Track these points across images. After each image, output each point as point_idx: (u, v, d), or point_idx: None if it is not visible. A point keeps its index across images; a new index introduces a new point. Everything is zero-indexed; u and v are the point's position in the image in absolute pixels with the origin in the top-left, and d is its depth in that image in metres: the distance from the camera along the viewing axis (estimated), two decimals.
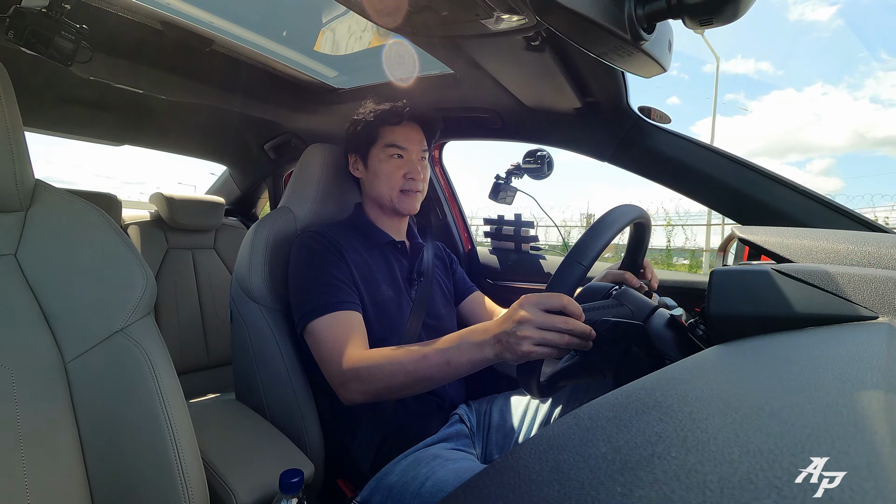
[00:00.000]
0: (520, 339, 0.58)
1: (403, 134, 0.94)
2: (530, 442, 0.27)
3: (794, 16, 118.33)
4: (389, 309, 0.87)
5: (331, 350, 0.75)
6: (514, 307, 0.61)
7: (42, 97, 1.27)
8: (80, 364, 0.54)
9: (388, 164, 0.93)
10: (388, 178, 0.93)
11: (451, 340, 0.67)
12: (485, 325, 0.65)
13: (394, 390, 0.70)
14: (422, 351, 0.67)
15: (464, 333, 0.67)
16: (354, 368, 0.71)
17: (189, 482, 0.53)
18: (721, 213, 0.94)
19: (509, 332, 0.59)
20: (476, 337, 0.65)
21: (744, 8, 0.45)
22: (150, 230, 1.59)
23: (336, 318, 0.77)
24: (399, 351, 0.69)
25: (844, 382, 0.27)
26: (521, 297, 0.61)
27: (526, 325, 0.58)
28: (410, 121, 0.95)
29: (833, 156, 47.86)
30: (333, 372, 0.74)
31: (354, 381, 0.71)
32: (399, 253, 0.97)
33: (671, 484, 0.20)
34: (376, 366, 0.70)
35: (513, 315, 0.60)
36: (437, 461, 0.75)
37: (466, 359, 0.64)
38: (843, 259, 0.55)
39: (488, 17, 0.63)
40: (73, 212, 0.59)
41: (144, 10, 0.90)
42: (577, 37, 0.51)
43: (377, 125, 0.93)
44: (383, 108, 0.94)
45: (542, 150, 1.23)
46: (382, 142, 0.93)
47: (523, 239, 1.40)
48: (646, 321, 0.66)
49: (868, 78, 44.48)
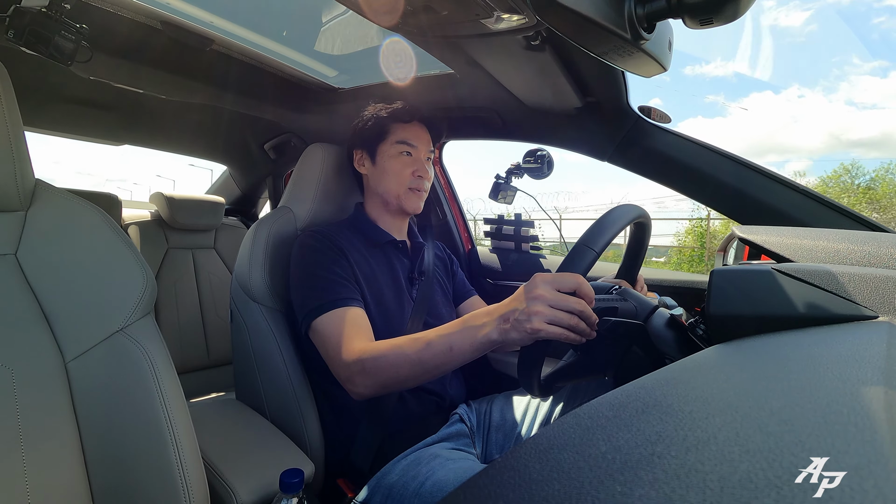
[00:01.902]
0: (530, 316, 0.56)
1: (414, 132, 0.94)
2: (531, 441, 0.27)
3: (768, 21, 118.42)
4: (391, 308, 0.87)
5: (336, 346, 0.74)
6: (526, 286, 0.59)
7: (42, 97, 1.27)
8: (81, 364, 0.54)
9: (397, 160, 0.93)
10: (397, 174, 0.93)
11: (455, 326, 0.66)
12: (488, 308, 0.64)
13: (400, 380, 0.70)
14: (425, 338, 0.67)
15: (467, 318, 0.66)
16: (360, 361, 0.71)
17: (189, 482, 0.53)
18: (721, 212, 0.94)
19: (520, 310, 0.58)
20: (479, 320, 0.63)
21: (744, 7, 0.45)
22: (150, 230, 1.59)
23: (339, 314, 0.77)
24: (402, 340, 0.69)
25: (845, 382, 0.27)
26: (533, 275, 0.60)
27: (539, 302, 0.56)
28: (419, 121, 0.96)
29: (810, 157, 47.83)
30: (340, 367, 0.74)
31: (360, 375, 0.71)
32: (400, 252, 0.97)
33: (671, 483, 0.20)
34: (381, 356, 0.69)
35: (527, 292, 0.58)
36: (437, 461, 0.75)
37: (469, 342, 0.63)
38: (844, 258, 0.55)
39: (488, 16, 0.63)
40: (74, 212, 0.59)
41: (144, 10, 0.90)
42: (577, 36, 0.51)
43: (388, 121, 0.94)
44: (395, 106, 0.95)
45: (542, 150, 1.23)
46: (393, 138, 0.93)
47: (523, 239, 1.40)
48: (646, 321, 0.66)
49: (842, 81, 44.90)
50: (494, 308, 0.63)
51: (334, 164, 1.03)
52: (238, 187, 2.02)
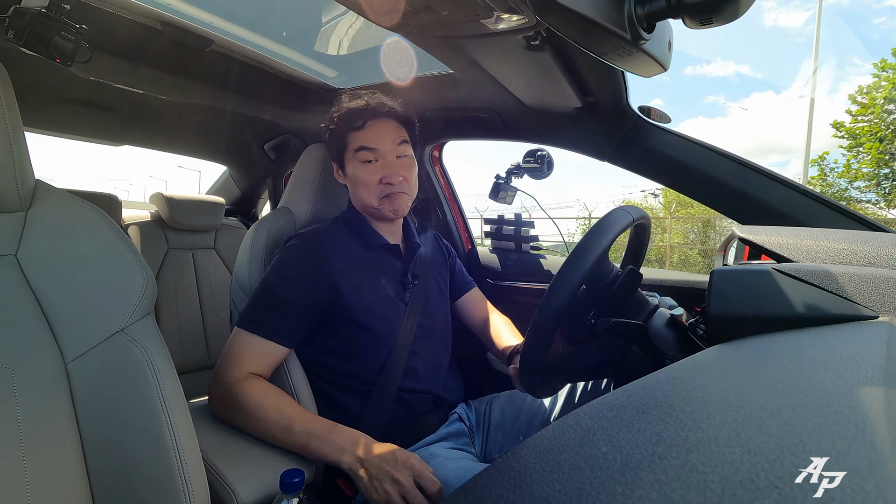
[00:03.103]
0: (383, 483, 0.64)
1: (372, 134, 0.87)
2: (531, 442, 0.27)
3: (769, 21, 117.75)
4: (381, 311, 0.86)
5: (232, 363, 0.76)
6: (400, 458, 0.65)
7: (42, 97, 1.27)
8: (81, 364, 0.54)
9: (362, 170, 0.87)
10: (365, 185, 0.87)
11: (323, 430, 0.70)
12: (366, 441, 0.69)
13: (247, 429, 0.74)
14: (291, 422, 0.70)
15: (340, 431, 0.70)
16: (233, 394, 0.74)
17: (190, 482, 0.53)
18: (722, 212, 0.94)
19: (382, 472, 0.64)
20: (346, 443, 0.68)
21: (743, 7, 0.45)
22: (151, 230, 1.59)
23: (258, 342, 0.77)
24: (272, 413, 0.71)
25: (845, 382, 0.27)
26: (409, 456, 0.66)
27: (397, 484, 0.63)
28: (375, 119, 0.88)
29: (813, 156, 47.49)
30: (219, 380, 0.76)
31: (223, 402, 0.75)
32: (393, 256, 0.94)
33: (672, 484, 0.20)
34: (246, 410, 0.72)
35: (395, 466, 0.65)
36: (436, 460, 0.75)
37: (323, 454, 0.68)
38: (844, 258, 0.55)
39: (488, 16, 0.63)
40: (74, 212, 0.59)
41: (144, 10, 0.90)
42: (576, 36, 0.51)
43: (342, 131, 0.89)
44: (346, 111, 0.88)
45: (542, 150, 1.23)
46: (352, 146, 0.88)
47: (523, 238, 1.40)
48: (646, 321, 0.66)
49: (842, 82, 44.65)
50: (371, 446, 0.68)
51: None
52: (238, 187, 2.02)
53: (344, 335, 0.84)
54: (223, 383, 0.75)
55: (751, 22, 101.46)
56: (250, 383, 0.75)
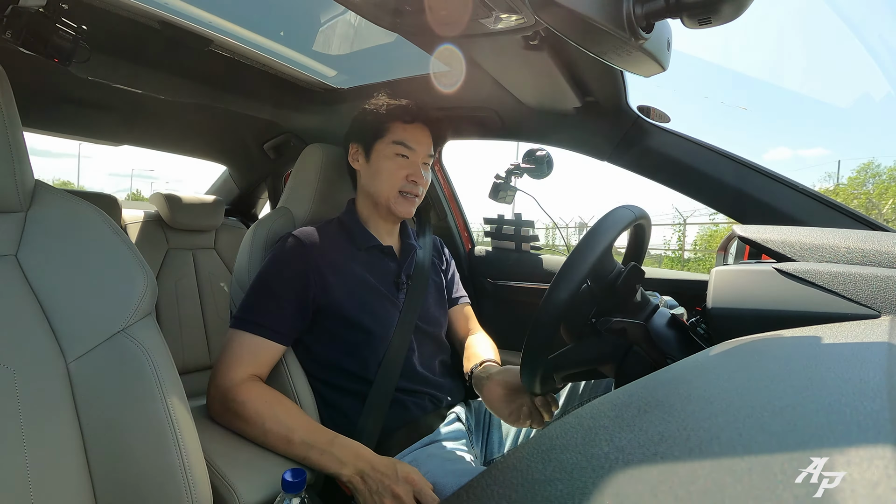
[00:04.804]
0: (382, 494, 0.64)
1: (413, 134, 0.91)
2: (533, 441, 0.27)
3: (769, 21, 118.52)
4: (373, 310, 0.86)
5: (227, 365, 0.76)
6: (400, 471, 0.66)
7: (41, 97, 1.27)
8: (82, 364, 0.54)
9: (392, 161, 0.90)
10: (389, 176, 0.90)
11: (322, 441, 0.70)
12: (366, 453, 0.70)
13: (244, 434, 0.74)
14: (290, 433, 0.70)
15: (340, 443, 0.70)
16: (230, 399, 0.73)
17: (192, 482, 0.53)
18: (722, 212, 0.94)
19: (383, 485, 0.65)
20: (346, 455, 0.68)
21: (742, 7, 0.45)
22: (151, 230, 1.58)
23: (253, 341, 0.77)
24: (270, 422, 0.71)
25: (846, 382, 0.27)
26: (410, 470, 0.67)
27: (393, 500, 0.64)
28: (422, 122, 0.92)
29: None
30: (217, 383, 0.75)
31: (222, 406, 0.75)
32: (387, 257, 0.94)
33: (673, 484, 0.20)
34: (244, 418, 0.72)
35: (394, 478, 0.65)
36: (434, 461, 0.75)
37: (323, 465, 0.69)
38: (845, 258, 0.55)
39: (487, 16, 0.63)
40: (74, 212, 0.59)
41: (143, 10, 0.89)
42: (575, 36, 0.51)
43: (388, 119, 0.90)
44: (397, 104, 0.91)
45: (541, 150, 1.23)
46: (391, 137, 0.90)
47: (523, 238, 1.40)
48: (647, 320, 0.66)
49: None
50: (371, 459, 0.68)
51: (333, 164, 1.03)
52: (238, 187, 2.01)
53: (337, 334, 0.84)
54: (220, 387, 0.75)
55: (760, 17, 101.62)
56: (248, 389, 0.74)
